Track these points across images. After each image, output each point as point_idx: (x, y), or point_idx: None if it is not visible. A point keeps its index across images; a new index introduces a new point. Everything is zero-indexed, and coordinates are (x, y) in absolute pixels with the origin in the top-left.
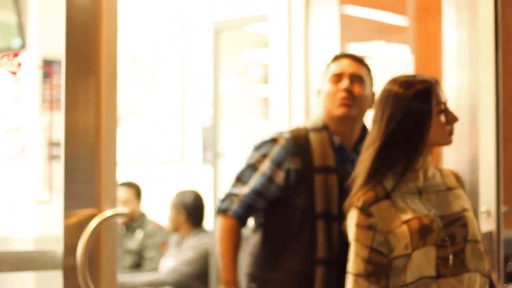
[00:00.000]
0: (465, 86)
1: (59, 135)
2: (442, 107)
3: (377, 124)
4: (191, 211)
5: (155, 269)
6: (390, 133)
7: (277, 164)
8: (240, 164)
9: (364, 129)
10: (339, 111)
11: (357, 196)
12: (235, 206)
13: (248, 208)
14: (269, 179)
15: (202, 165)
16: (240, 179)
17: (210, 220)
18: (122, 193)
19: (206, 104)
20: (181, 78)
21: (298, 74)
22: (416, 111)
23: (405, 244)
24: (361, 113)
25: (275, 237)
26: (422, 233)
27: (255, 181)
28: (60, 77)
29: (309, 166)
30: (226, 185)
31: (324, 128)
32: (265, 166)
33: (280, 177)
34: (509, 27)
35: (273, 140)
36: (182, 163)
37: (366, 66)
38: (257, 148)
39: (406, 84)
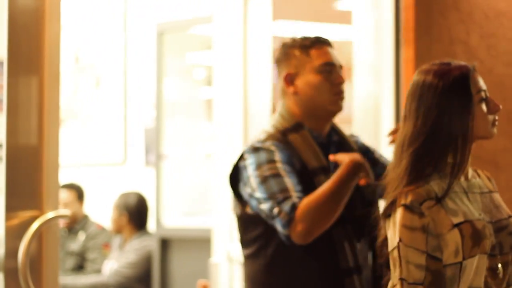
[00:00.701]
0: (370, 89)
1: (1, 136)
2: (483, 94)
3: (412, 120)
4: (134, 213)
5: (98, 271)
6: (430, 130)
7: (289, 164)
8: (184, 169)
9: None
10: (336, 107)
11: (403, 194)
12: (293, 197)
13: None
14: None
15: (144, 167)
16: (273, 192)
17: (152, 222)
18: (64, 195)
19: (149, 106)
20: (124, 80)
21: (238, 76)
22: (455, 101)
23: (455, 250)
24: None
25: (286, 255)
26: (475, 239)
27: (288, 181)
28: (2, 78)
29: (304, 169)
30: (168, 187)
31: (300, 126)
32: (282, 168)
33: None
34: (451, 30)
35: (264, 149)
36: (125, 165)
37: None
38: (253, 163)
39: (440, 72)
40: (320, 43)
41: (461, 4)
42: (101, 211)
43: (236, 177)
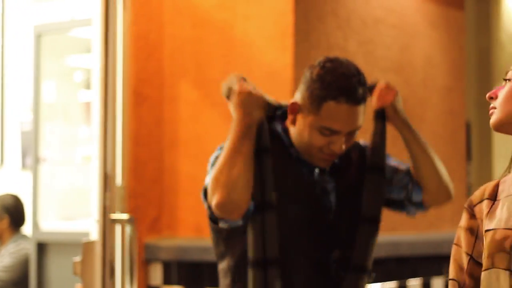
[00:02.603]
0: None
1: None
2: None
3: None
4: (14, 216)
5: None
6: None
7: None
8: (62, 172)
9: None
10: (322, 164)
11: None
12: None
13: None
14: None
15: (21, 170)
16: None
17: (29, 226)
18: None
19: (26, 109)
20: (1, 82)
21: (119, 80)
22: None
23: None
24: None
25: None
26: (491, 249)
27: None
28: None
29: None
30: (45, 190)
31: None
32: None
33: None
34: (329, 36)
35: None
36: (2, 168)
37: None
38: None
39: None
40: (344, 98)
41: (339, 10)
42: None
43: None
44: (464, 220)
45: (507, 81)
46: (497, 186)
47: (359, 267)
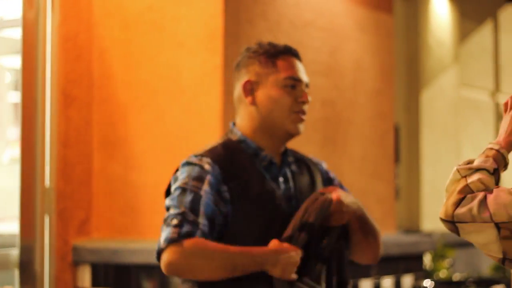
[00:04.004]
0: None
1: None
2: None
3: None
4: None
5: None
6: None
7: (215, 193)
8: None
9: None
10: (294, 128)
11: None
12: None
13: None
14: None
15: None
16: (184, 206)
17: None
18: None
19: None
20: None
21: (48, 81)
22: None
23: None
24: None
25: None
26: None
27: (203, 208)
28: None
29: (246, 192)
30: None
31: (243, 142)
32: (206, 192)
33: None
34: (259, 39)
35: (197, 165)
36: None
37: None
38: (183, 176)
39: None
40: (289, 53)
41: (269, 13)
42: None
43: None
44: None
45: None
46: None
47: (344, 282)
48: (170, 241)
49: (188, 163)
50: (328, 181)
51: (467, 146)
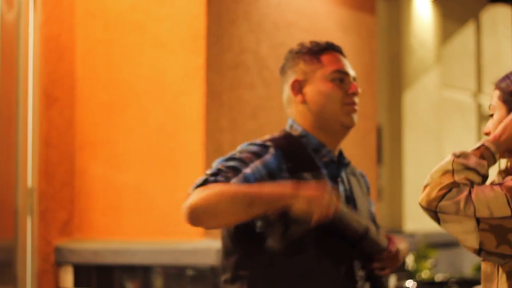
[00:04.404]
0: None
1: None
2: None
3: None
4: None
5: None
6: None
7: (267, 173)
8: None
9: None
10: (349, 120)
11: None
12: None
13: None
14: None
15: None
16: (220, 169)
17: None
18: None
19: None
20: None
21: (30, 81)
22: None
23: None
24: None
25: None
26: None
27: (242, 174)
28: None
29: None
30: None
31: (305, 137)
32: (257, 166)
33: None
34: (242, 40)
35: (260, 145)
36: None
37: None
38: (240, 149)
39: None
40: (332, 49)
41: (251, 14)
42: None
43: None
44: None
45: (490, 116)
46: None
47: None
48: (196, 187)
49: (250, 143)
50: (368, 189)
51: (449, 147)
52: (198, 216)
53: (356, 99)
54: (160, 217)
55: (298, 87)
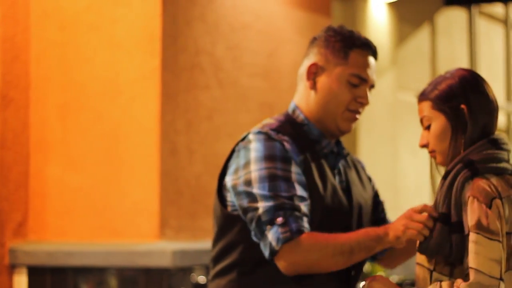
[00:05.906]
0: None
1: None
2: None
3: None
4: None
5: None
6: None
7: (300, 170)
8: None
9: None
10: (345, 125)
11: None
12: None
13: None
14: None
15: None
16: (278, 195)
17: None
18: None
19: None
20: None
21: None
22: None
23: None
24: None
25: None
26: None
27: (298, 189)
28: None
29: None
30: None
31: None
32: (295, 173)
33: None
34: (197, 41)
35: (277, 141)
36: None
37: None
38: (262, 151)
39: None
40: (366, 48)
41: (207, 15)
42: None
43: (226, 164)
44: None
45: (427, 128)
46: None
47: None
48: (284, 241)
49: (267, 136)
50: (369, 179)
51: (404, 150)
52: (299, 272)
53: (361, 109)
54: (114, 219)
55: (314, 72)
